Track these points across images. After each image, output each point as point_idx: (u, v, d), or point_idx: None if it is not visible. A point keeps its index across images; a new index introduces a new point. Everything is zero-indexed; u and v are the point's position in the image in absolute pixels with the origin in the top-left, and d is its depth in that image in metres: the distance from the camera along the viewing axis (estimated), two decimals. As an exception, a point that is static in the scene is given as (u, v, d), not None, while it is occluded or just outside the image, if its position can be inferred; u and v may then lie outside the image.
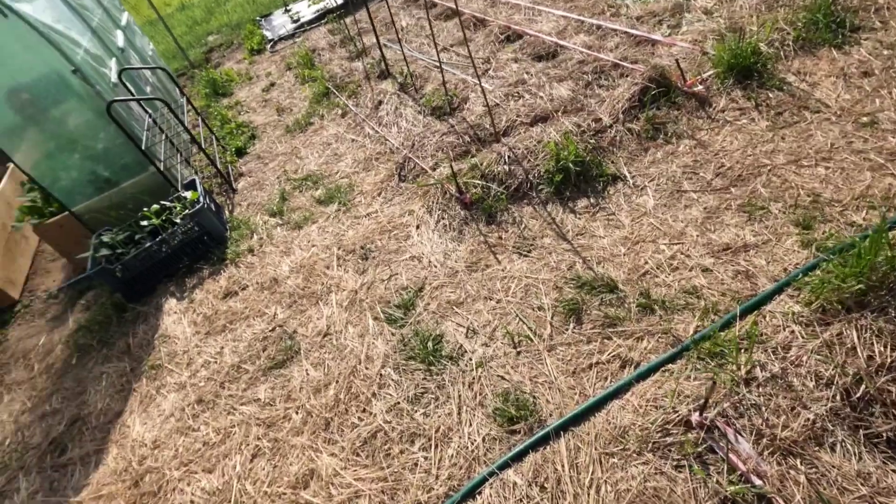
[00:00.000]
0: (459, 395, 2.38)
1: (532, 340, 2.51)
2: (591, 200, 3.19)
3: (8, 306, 4.58)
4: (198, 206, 3.79)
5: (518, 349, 2.50)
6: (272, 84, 6.61)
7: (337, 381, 2.66)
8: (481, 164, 3.47)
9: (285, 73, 6.77)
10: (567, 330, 2.50)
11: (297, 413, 2.60)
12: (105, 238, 3.82)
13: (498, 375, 2.42)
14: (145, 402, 3.01)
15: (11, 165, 6.06)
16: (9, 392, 3.62)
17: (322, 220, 3.86)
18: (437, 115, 4.43)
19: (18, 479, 2.92)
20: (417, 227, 3.43)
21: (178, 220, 3.84)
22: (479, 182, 3.39)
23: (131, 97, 4.33)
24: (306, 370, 2.80)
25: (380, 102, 4.87)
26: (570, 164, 3.26)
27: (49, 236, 4.50)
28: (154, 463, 2.64)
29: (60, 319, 4.19)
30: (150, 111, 4.88)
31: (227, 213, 4.46)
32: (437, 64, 5.23)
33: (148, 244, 3.73)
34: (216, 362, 3.06)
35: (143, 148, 4.16)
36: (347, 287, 3.20)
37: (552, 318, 2.58)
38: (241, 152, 5.29)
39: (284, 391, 2.74)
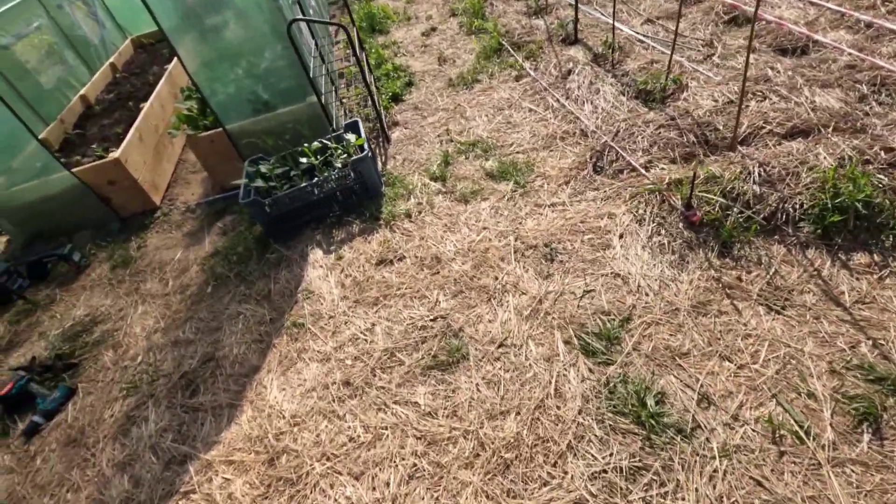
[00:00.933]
0: (697, 490, 1.80)
1: (804, 441, 1.85)
2: (876, 258, 2.39)
3: (149, 210, 4.54)
4: (364, 153, 3.38)
5: (780, 447, 1.86)
6: (433, 29, 6.05)
7: (518, 413, 2.17)
8: (721, 177, 2.73)
9: (448, 20, 6.19)
10: (860, 442, 1.81)
11: (465, 438, 2.14)
12: (263, 168, 3.53)
13: (751, 477, 1.80)
14: (284, 363, 2.71)
15: (168, 68, 6.06)
16: (143, 302, 3.51)
17: (494, 198, 3.32)
18: (644, 101, 3.68)
19: (148, 406, 2.76)
20: (621, 236, 2.80)
21: (337, 164, 3.47)
22: (718, 199, 2.67)
23: (313, 18, 3.94)
24: (476, 385, 2.33)
25: (569, 72, 4.17)
26: (857, 204, 2.45)
27: (199, 149, 4.34)
28: (293, 444, 2.32)
29: (196, 237, 4.05)
30: (316, 38, 4.52)
31: (379, 164, 4.05)
32: (640, 37, 4.41)
33: (303, 184, 3.40)
34: (367, 341, 2.67)
35: (311, 76, 3.81)
36: (528, 291, 2.66)
37: (832, 416, 1.90)
38: (396, 98, 4.84)
39: (449, 403, 2.29)
